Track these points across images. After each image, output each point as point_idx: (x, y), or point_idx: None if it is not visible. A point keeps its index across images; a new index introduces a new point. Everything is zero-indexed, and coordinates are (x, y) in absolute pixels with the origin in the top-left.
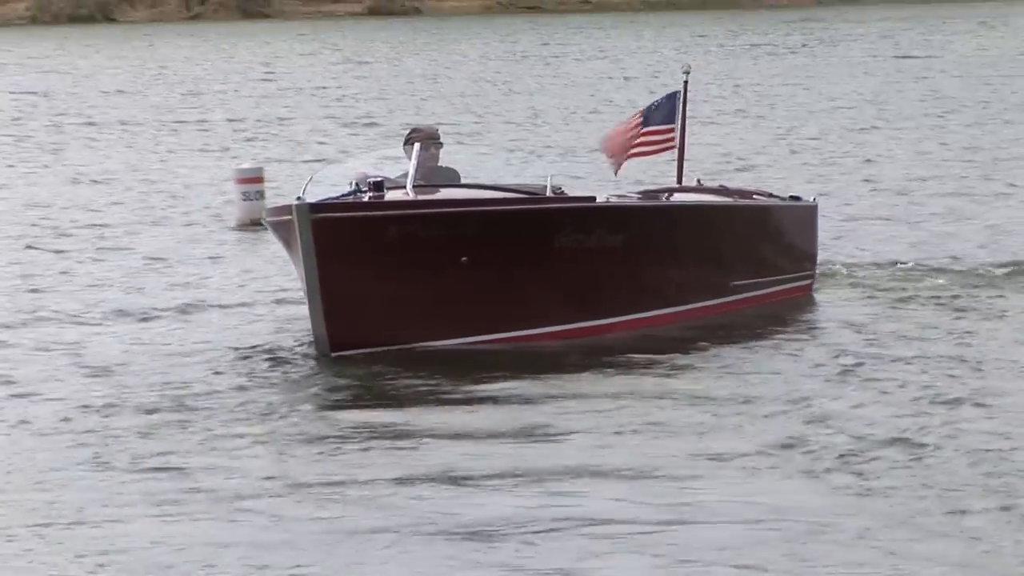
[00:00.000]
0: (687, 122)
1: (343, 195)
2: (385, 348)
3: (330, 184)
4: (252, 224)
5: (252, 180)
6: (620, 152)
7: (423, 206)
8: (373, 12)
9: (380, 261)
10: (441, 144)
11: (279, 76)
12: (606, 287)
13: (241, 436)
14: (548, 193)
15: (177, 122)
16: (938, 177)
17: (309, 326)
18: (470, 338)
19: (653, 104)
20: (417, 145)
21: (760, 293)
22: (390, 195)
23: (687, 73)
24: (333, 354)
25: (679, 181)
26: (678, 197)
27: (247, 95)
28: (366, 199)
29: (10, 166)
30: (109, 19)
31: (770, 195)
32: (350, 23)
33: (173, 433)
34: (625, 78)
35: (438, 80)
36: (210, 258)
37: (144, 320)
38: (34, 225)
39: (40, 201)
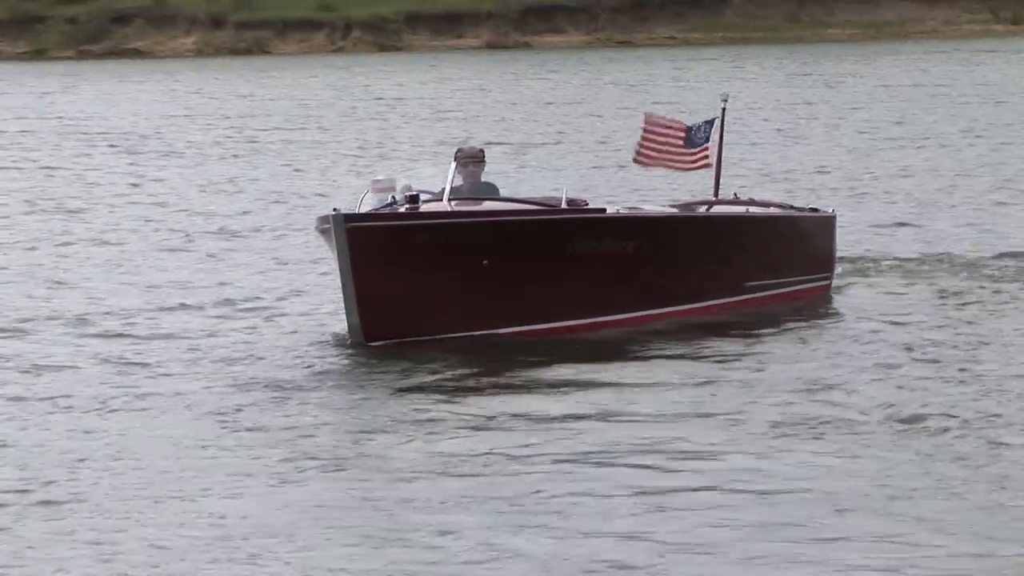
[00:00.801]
0: (723, 143)
1: (384, 206)
2: (414, 338)
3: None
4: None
5: (386, 190)
6: (654, 155)
7: (447, 217)
8: (490, 46)
9: (407, 264)
10: (483, 162)
11: (404, 101)
12: (619, 286)
13: (332, 408)
14: (563, 205)
15: (314, 142)
16: (956, 187)
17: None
18: (491, 331)
19: (694, 126)
20: (454, 163)
21: (774, 292)
22: (428, 206)
23: (725, 101)
24: (368, 343)
25: (715, 194)
26: (715, 208)
27: (376, 117)
28: (402, 210)
29: (161, 177)
30: (265, 52)
31: (791, 207)
32: (469, 56)
33: (267, 405)
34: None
35: (534, 104)
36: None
37: (257, 310)
38: (172, 229)
39: (185, 207)
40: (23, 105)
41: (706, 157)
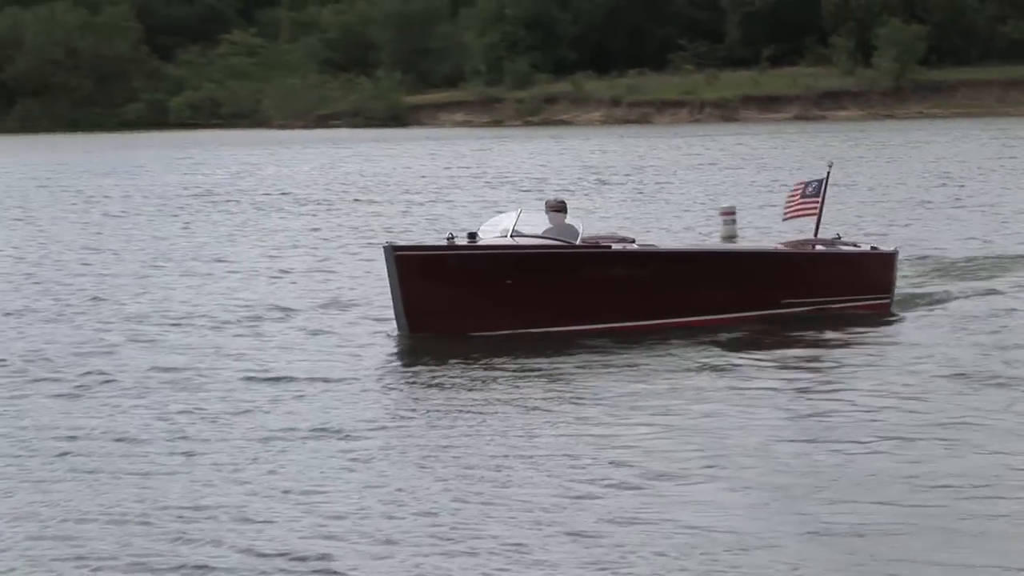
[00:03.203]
0: (826, 198)
1: (446, 238)
2: (446, 334)
3: (487, 230)
4: (728, 238)
5: (729, 213)
6: (791, 210)
7: (476, 249)
8: (797, 118)
9: (439, 280)
10: (565, 211)
11: (728, 156)
12: (634, 301)
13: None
14: (578, 242)
15: (657, 182)
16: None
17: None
18: (511, 331)
19: (809, 183)
20: (520, 209)
21: (818, 307)
22: (492, 240)
23: (830, 166)
24: (411, 333)
25: (815, 234)
26: (818, 247)
27: (708, 168)
28: (460, 243)
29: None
30: (647, 122)
31: (854, 244)
32: (783, 125)
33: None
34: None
35: (811, 157)
36: None
37: None
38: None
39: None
40: (473, 154)
41: (815, 208)
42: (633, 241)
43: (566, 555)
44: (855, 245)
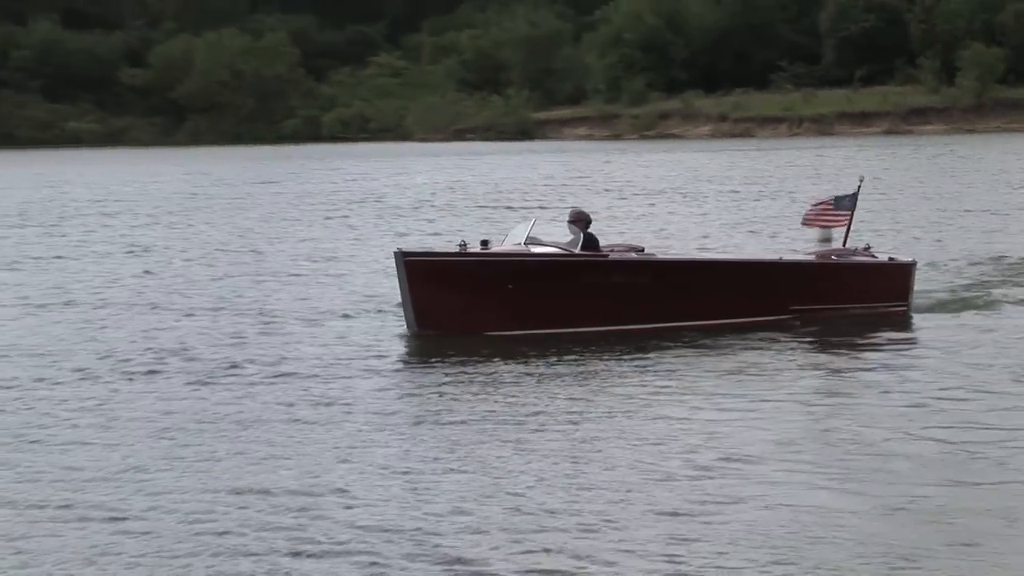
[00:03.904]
0: (855, 211)
1: (458, 245)
2: (451, 334)
3: (512, 237)
4: (824, 240)
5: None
6: (813, 218)
7: (480, 256)
8: (887, 132)
9: (444, 284)
10: (584, 221)
11: (808, 167)
12: (632, 307)
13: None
14: (577, 250)
15: (732, 192)
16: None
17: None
18: (509, 332)
19: (842, 196)
20: (533, 219)
21: (829, 313)
22: (508, 248)
23: (861, 181)
24: (419, 331)
25: (844, 244)
26: (844, 256)
27: (791, 177)
28: (472, 249)
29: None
30: (750, 136)
31: (873, 255)
32: (872, 139)
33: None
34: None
35: (876, 169)
36: None
37: None
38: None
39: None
40: (582, 167)
41: (844, 220)
42: (642, 250)
43: (656, 532)
44: (873, 255)
